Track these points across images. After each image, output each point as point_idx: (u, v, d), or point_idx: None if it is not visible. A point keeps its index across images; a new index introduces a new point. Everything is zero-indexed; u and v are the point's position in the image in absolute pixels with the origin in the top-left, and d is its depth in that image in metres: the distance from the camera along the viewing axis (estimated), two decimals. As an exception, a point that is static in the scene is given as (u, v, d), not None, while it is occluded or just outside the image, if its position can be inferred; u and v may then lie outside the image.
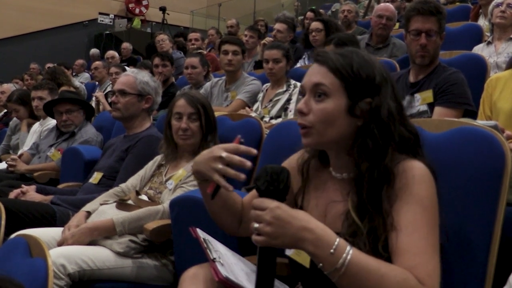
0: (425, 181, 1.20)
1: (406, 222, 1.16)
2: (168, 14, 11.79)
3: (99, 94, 5.47)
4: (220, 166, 1.32)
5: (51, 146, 3.66)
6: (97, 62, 6.84)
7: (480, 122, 1.70)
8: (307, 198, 1.41)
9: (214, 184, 1.33)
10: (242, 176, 1.30)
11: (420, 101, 2.56)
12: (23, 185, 2.73)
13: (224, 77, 4.09)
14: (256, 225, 1.12)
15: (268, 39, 5.60)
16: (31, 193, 2.65)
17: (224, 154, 1.32)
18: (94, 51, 10.33)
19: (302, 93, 1.32)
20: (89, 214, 2.23)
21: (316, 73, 1.28)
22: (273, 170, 1.14)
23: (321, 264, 1.10)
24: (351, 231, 1.21)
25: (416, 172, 1.20)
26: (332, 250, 1.08)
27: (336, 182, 1.35)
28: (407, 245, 1.14)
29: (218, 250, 1.29)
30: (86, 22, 13.39)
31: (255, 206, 1.14)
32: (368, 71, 1.26)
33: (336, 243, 1.09)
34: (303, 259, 1.27)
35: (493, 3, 3.66)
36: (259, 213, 1.12)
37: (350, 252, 1.09)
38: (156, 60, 4.85)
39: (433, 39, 2.51)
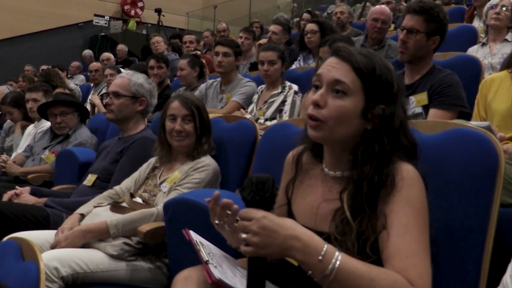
0: (415, 183, 1.21)
1: (396, 224, 1.16)
2: (163, 16, 11.80)
3: (94, 97, 5.47)
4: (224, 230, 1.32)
5: (45, 148, 3.64)
6: (96, 64, 6.78)
7: (473, 123, 1.70)
8: (296, 192, 1.41)
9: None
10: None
11: (415, 103, 2.56)
12: (17, 187, 2.72)
13: (219, 79, 4.09)
14: (243, 235, 1.12)
15: (263, 40, 5.60)
16: (25, 195, 2.64)
17: (216, 222, 1.31)
18: (86, 52, 10.30)
19: (315, 83, 1.29)
20: (82, 216, 2.22)
21: (338, 69, 1.25)
22: (258, 179, 1.14)
23: (310, 272, 1.10)
24: (341, 230, 1.21)
25: (406, 174, 1.21)
26: (320, 257, 1.08)
27: (328, 179, 1.34)
28: (398, 248, 1.14)
29: (211, 252, 1.29)
30: (81, 24, 13.37)
31: (241, 216, 1.14)
32: (388, 78, 1.26)
33: (324, 249, 1.09)
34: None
35: (487, 5, 3.67)
36: (246, 224, 1.12)
37: (339, 258, 1.09)
38: (152, 62, 4.84)
39: (414, 37, 2.51)
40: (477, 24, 4.60)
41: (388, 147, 1.23)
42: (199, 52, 5.81)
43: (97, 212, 2.19)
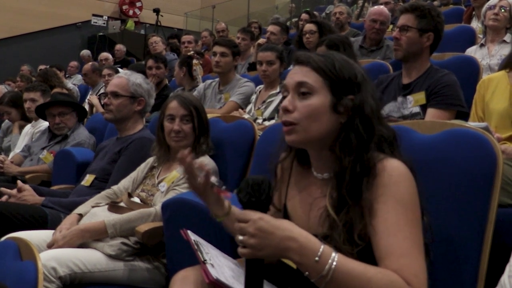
0: (404, 179, 1.20)
1: (388, 223, 1.16)
2: (162, 16, 11.77)
3: (92, 97, 5.46)
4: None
5: (43, 148, 3.63)
6: (86, 68, 6.71)
7: (472, 124, 1.70)
8: (289, 197, 1.42)
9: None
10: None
11: (413, 103, 2.57)
12: (18, 181, 2.70)
13: (217, 79, 4.09)
14: (240, 237, 1.12)
15: (262, 40, 5.60)
16: (25, 194, 2.60)
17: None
18: (84, 52, 10.30)
19: (283, 95, 1.34)
20: (81, 216, 2.22)
21: (298, 73, 1.30)
22: (254, 181, 1.14)
23: (307, 273, 1.10)
24: (328, 225, 1.22)
25: (394, 171, 1.20)
26: (317, 258, 1.08)
27: (317, 182, 1.35)
28: (391, 247, 1.14)
29: (209, 252, 1.29)
30: (80, 23, 13.36)
31: (238, 218, 1.14)
32: (349, 70, 1.29)
33: (320, 250, 1.09)
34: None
35: (486, 6, 3.67)
36: (243, 226, 1.12)
37: (335, 259, 1.09)
38: (150, 62, 4.84)
39: (407, 34, 2.57)
40: (475, 24, 4.60)
41: (364, 134, 1.24)
42: (192, 52, 5.81)
43: (95, 212, 2.18)
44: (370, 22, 4.34)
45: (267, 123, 3.33)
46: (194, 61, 4.65)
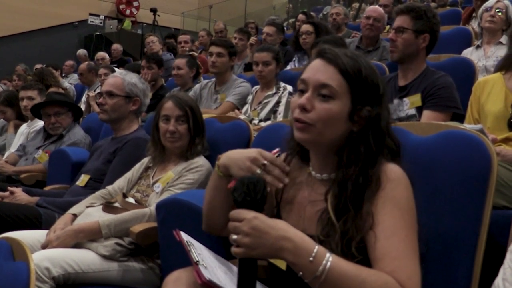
0: (401, 183, 1.20)
1: (384, 226, 1.16)
2: (159, 15, 11.74)
3: (91, 94, 5.43)
4: (258, 171, 1.29)
5: (38, 148, 3.62)
6: (82, 67, 6.68)
7: (467, 126, 1.70)
8: (285, 196, 1.41)
9: (235, 181, 1.24)
10: (280, 185, 1.31)
11: (409, 105, 2.58)
12: (9, 188, 2.69)
13: (213, 79, 4.09)
14: (234, 236, 1.11)
15: (253, 39, 5.60)
16: (19, 194, 2.60)
17: (266, 162, 1.30)
18: (81, 51, 10.27)
19: (300, 88, 1.28)
20: (75, 216, 2.21)
21: (323, 72, 1.24)
22: (250, 181, 1.14)
23: (301, 273, 1.10)
24: (325, 231, 1.21)
25: (392, 175, 1.21)
26: (311, 258, 1.08)
27: (315, 182, 1.34)
28: (386, 249, 1.14)
29: (202, 253, 1.28)
30: (76, 23, 13.34)
31: (232, 217, 1.13)
32: (374, 79, 1.25)
33: (315, 250, 1.09)
34: (280, 262, 1.26)
35: (482, 7, 3.68)
36: (237, 225, 1.11)
37: (329, 259, 1.08)
38: (143, 62, 4.85)
39: (402, 35, 2.58)
40: (475, 25, 4.60)
41: (374, 148, 1.23)
42: (196, 54, 5.81)
43: (90, 212, 2.17)
44: (364, 19, 4.42)
45: (263, 124, 3.33)
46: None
